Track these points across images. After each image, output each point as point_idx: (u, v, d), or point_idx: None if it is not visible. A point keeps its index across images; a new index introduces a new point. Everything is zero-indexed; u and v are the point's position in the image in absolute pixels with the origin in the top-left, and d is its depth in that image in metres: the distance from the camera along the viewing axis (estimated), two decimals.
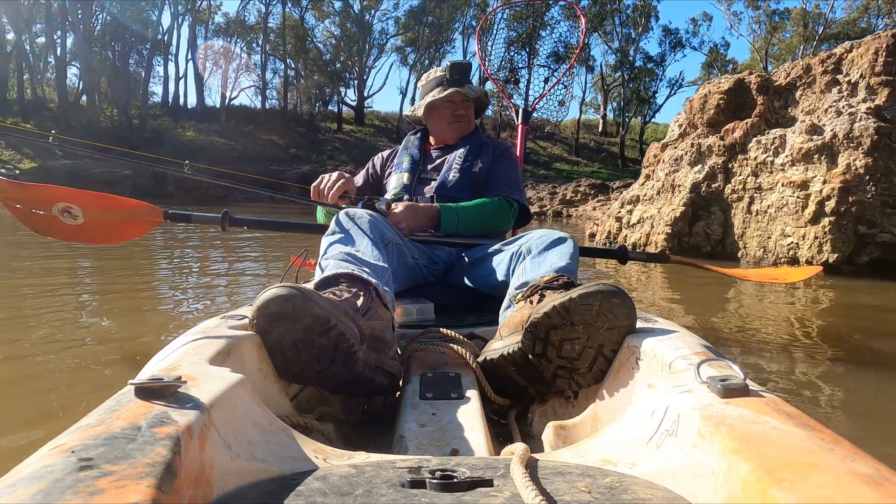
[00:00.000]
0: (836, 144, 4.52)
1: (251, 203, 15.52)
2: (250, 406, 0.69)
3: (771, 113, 5.14)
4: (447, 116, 1.85)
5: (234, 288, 3.49)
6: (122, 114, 27.62)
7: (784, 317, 2.99)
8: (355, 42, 33.65)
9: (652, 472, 0.61)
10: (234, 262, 4.79)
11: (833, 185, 4.45)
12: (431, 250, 1.64)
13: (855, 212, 4.39)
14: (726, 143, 5.26)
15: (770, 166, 4.93)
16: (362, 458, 0.69)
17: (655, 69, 33.86)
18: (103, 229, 1.89)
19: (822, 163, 4.58)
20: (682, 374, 0.74)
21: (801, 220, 4.62)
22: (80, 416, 0.55)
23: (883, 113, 4.45)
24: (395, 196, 1.75)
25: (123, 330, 2.38)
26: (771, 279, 2.33)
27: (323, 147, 29.31)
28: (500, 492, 0.56)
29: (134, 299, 3.07)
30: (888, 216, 4.40)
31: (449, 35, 36.03)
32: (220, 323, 0.94)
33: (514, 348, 1.00)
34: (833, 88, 4.73)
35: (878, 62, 4.50)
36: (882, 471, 0.46)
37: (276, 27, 33.13)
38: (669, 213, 5.46)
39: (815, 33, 29.92)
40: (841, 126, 4.48)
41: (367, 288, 1.07)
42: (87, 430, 0.51)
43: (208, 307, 2.84)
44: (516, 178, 1.86)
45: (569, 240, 1.29)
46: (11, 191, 1.79)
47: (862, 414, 1.62)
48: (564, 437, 0.91)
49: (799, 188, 4.67)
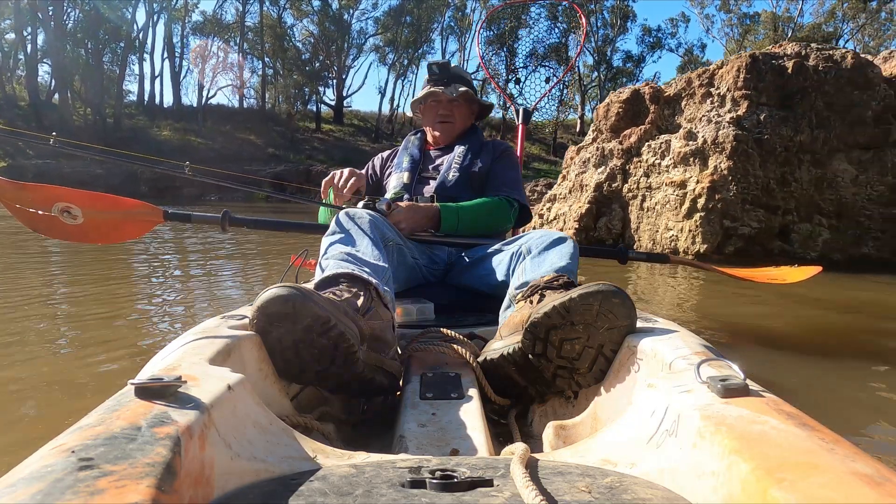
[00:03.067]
0: (706, 149, 5.13)
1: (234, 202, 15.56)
2: (250, 406, 0.69)
3: (661, 120, 5.75)
4: (433, 116, 1.88)
5: (232, 288, 3.49)
6: (96, 112, 26.88)
7: (784, 315, 2.99)
8: (334, 41, 33.51)
9: (652, 472, 0.61)
10: (233, 261, 4.79)
11: (703, 184, 5.06)
12: (431, 250, 1.65)
13: (721, 208, 5.00)
14: (624, 147, 5.85)
15: (658, 168, 5.53)
16: (362, 458, 0.69)
17: (634, 69, 34.25)
18: (103, 229, 1.89)
19: (696, 165, 5.19)
20: (682, 374, 0.74)
21: (679, 215, 5.22)
22: (80, 417, 0.55)
23: (742, 122, 5.04)
24: (395, 195, 1.75)
25: (123, 330, 2.38)
26: (771, 279, 2.33)
27: (301, 147, 29.01)
28: (500, 492, 0.56)
29: (135, 300, 3.07)
30: (747, 212, 5.01)
31: (428, 35, 36.08)
32: (220, 323, 0.94)
33: (515, 348, 1.00)
34: (707, 100, 5.38)
35: (739, 78, 5.12)
36: (882, 471, 0.46)
37: (253, 25, 32.87)
38: (577, 210, 6.01)
39: (784, 36, 31.04)
40: (710, 133, 5.10)
41: (367, 288, 1.07)
42: (87, 430, 0.51)
43: (207, 307, 2.84)
44: (516, 177, 1.87)
45: (569, 240, 1.29)
46: (11, 191, 1.79)
47: (862, 414, 1.62)
48: (564, 437, 0.91)
49: (678, 187, 5.27)
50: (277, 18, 33.31)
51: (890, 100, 5.09)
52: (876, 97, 5.06)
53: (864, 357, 2.18)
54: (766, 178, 5.00)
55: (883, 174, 5.04)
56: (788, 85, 5.05)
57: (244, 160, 22.73)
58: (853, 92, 5.02)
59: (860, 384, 1.89)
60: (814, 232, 5.08)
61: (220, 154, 23.29)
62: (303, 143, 29.68)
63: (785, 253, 4.97)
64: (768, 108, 5.04)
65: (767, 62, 5.12)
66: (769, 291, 3.59)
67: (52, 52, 26.18)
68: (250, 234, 6.52)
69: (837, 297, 3.68)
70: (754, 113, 5.03)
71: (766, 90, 5.04)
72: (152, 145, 23.03)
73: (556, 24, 5.55)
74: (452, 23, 37.38)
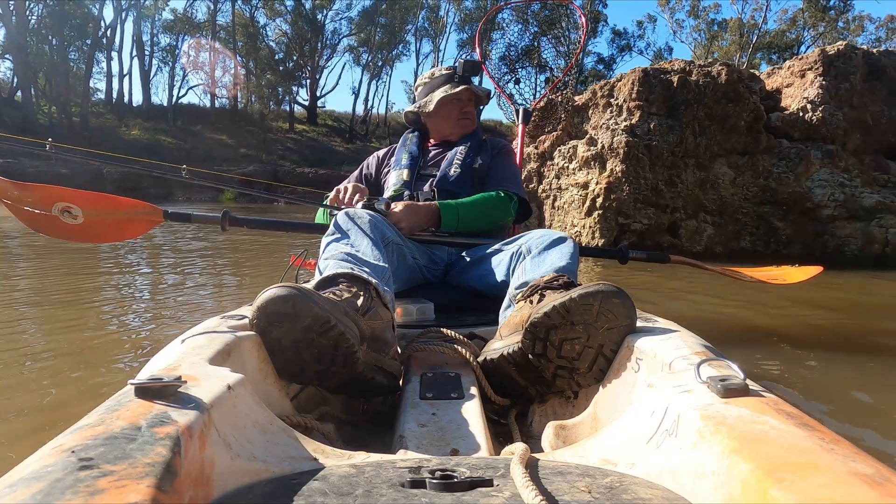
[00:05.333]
0: (604, 153, 5.68)
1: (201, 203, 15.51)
2: (250, 406, 0.69)
3: (572, 127, 6.28)
4: (456, 113, 1.86)
5: (231, 287, 3.49)
6: (61, 111, 25.97)
7: (784, 315, 2.99)
8: (307, 41, 33.25)
9: (652, 472, 0.61)
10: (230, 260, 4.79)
11: (601, 185, 5.62)
12: (431, 250, 1.64)
13: (616, 206, 5.56)
14: (539, 151, 6.38)
15: (567, 170, 6.13)
16: (362, 458, 0.69)
17: (605, 71, 34.62)
18: (103, 229, 1.89)
19: (596, 168, 5.76)
20: (682, 373, 0.74)
21: (582, 212, 5.80)
22: (80, 417, 0.55)
23: (635, 130, 5.58)
24: (395, 192, 1.75)
25: (123, 330, 2.38)
26: (771, 279, 2.33)
27: (274, 147, 28.69)
28: (500, 492, 0.56)
29: (135, 300, 3.07)
30: (638, 209, 5.59)
31: (402, 36, 36.02)
32: (220, 323, 0.94)
33: (514, 348, 1.00)
34: (608, 110, 5.94)
35: (633, 90, 5.65)
36: (882, 471, 0.46)
37: (226, 24, 32.49)
38: None
39: (749, 42, 32.49)
40: (607, 139, 5.65)
41: (367, 288, 1.07)
42: (87, 430, 0.51)
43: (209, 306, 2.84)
44: (515, 173, 1.88)
45: (569, 239, 1.29)
46: (11, 190, 1.79)
47: (862, 413, 1.62)
48: (564, 437, 0.91)
49: (582, 188, 5.85)
50: (250, 17, 32.90)
51: (758, 112, 5.67)
52: (746, 109, 5.63)
53: (864, 357, 2.18)
54: (656, 179, 5.58)
55: (756, 177, 5.66)
56: (675, 97, 5.59)
57: (215, 160, 22.42)
58: (727, 104, 5.61)
59: (860, 384, 1.89)
60: (699, 228, 5.70)
61: (191, 154, 22.91)
62: (276, 144, 29.32)
63: (674, 246, 5.51)
64: (658, 117, 5.59)
65: (657, 76, 5.67)
66: (770, 291, 3.59)
67: (13, 48, 25.24)
68: (245, 234, 6.52)
69: (838, 296, 3.68)
70: (646, 121, 5.57)
71: (656, 101, 5.58)
72: (121, 145, 22.56)
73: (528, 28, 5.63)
74: (427, 24, 37.40)
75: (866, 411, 1.64)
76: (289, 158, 26.74)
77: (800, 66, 6.00)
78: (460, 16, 37.01)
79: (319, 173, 21.73)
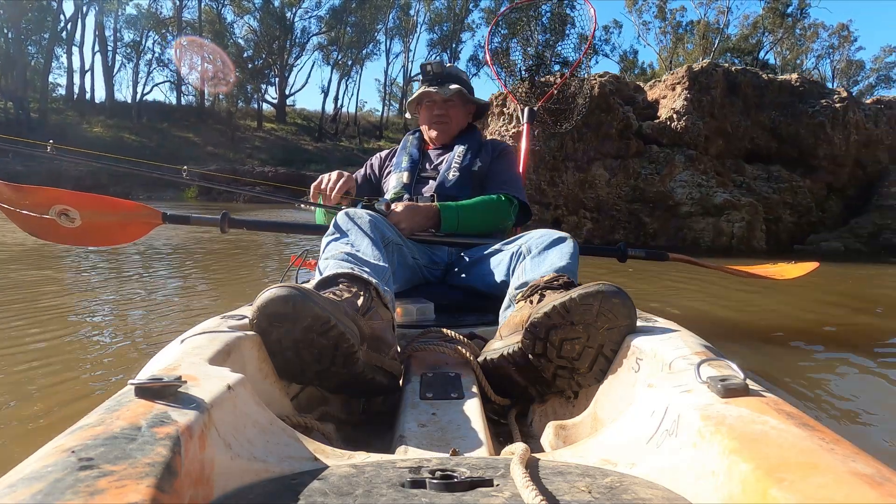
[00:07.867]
0: None
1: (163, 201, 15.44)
2: (250, 406, 0.69)
3: None
4: (429, 116, 1.88)
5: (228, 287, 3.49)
6: (18, 107, 24.95)
7: (784, 314, 2.99)
8: (276, 39, 32.90)
9: (652, 472, 0.61)
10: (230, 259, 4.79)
11: None
12: (431, 250, 1.64)
13: None
14: None
15: None
16: (362, 458, 0.69)
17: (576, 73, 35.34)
18: (101, 232, 1.86)
19: None
20: (682, 373, 0.74)
21: None
22: (80, 417, 0.55)
23: None
24: (395, 195, 1.75)
25: (123, 330, 2.38)
26: (769, 276, 2.33)
27: (242, 145, 28.14)
28: (500, 492, 0.56)
29: (134, 300, 3.07)
30: None
31: (373, 35, 35.77)
32: (220, 323, 0.94)
33: (514, 348, 1.00)
34: (501, 118, 6.65)
35: None
36: (882, 471, 0.46)
37: (192, 20, 31.92)
38: None
39: (712, 45, 33.76)
40: None
41: (367, 288, 1.07)
42: (87, 430, 0.51)
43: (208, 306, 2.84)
44: (516, 176, 1.87)
45: (569, 239, 1.29)
46: (7, 193, 1.76)
47: (862, 414, 1.62)
48: (564, 437, 0.91)
49: None
50: (217, 14, 32.32)
51: (628, 121, 6.49)
52: (616, 118, 6.42)
53: (864, 357, 2.18)
54: (539, 180, 6.27)
55: (627, 178, 6.45)
56: None
57: (181, 159, 21.81)
58: (601, 114, 6.33)
59: (860, 384, 1.89)
60: (580, 223, 6.42)
61: (156, 152, 22.31)
62: (244, 142, 28.78)
63: None
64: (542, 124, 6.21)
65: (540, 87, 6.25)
66: (770, 289, 3.59)
67: None
68: (245, 235, 6.52)
69: (837, 296, 3.68)
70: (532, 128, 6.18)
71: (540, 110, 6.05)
72: (82, 142, 21.93)
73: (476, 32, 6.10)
74: (397, 23, 37.24)
75: (866, 411, 1.64)
76: (257, 157, 26.16)
77: (671, 80, 6.85)
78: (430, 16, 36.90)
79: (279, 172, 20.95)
